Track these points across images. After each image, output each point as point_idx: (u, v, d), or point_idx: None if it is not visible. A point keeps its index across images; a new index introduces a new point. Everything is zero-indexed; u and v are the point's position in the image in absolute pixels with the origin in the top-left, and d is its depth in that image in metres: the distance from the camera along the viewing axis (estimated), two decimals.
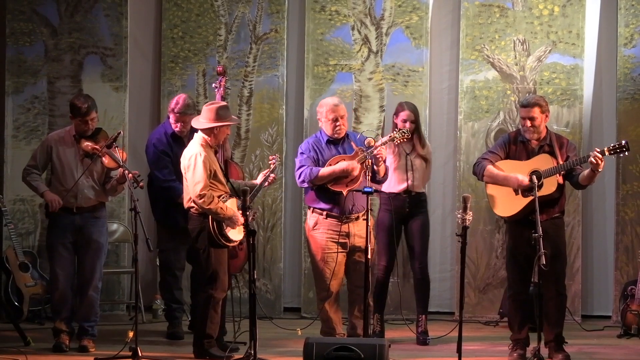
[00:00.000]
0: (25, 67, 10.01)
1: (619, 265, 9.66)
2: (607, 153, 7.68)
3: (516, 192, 7.87)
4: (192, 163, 7.76)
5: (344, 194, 8.06)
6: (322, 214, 8.14)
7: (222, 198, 7.81)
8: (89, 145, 8.17)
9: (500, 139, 8.19)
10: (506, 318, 8.47)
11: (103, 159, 8.14)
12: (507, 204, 7.91)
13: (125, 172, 7.99)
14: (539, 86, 9.82)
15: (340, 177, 8.07)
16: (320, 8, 9.99)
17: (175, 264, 8.94)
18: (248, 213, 7.47)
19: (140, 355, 7.65)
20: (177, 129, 8.65)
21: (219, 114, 7.85)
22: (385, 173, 8.26)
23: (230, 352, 7.96)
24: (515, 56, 9.85)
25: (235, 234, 7.86)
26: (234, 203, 7.82)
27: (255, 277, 7.42)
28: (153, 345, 8.41)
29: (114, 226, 9.82)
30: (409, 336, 8.77)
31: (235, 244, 7.98)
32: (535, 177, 7.73)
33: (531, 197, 7.67)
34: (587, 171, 7.74)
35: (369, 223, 7.83)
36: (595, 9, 9.87)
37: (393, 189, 8.69)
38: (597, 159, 7.60)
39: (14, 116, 10.00)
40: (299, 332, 8.37)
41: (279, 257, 10.00)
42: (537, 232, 7.44)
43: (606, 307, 9.82)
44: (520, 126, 8.01)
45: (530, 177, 7.78)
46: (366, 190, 7.80)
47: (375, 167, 8.09)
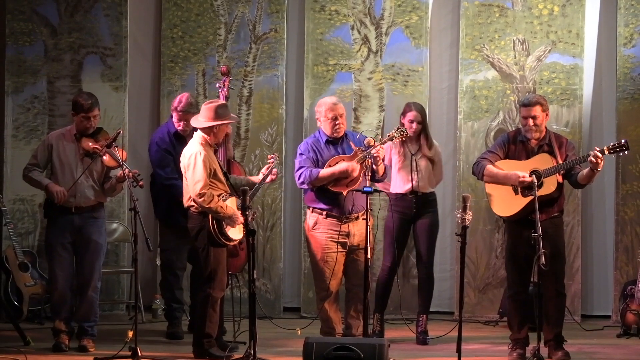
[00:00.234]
0: (25, 67, 10.01)
1: (618, 265, 9.66)
2: (606, 152, 7.67)
3: (515, 192, 7.86)
4: (192, 162, 7.76)
5: (344, 194, 8.06)
6: (321, 214, 8.14)
7: (222, 197, 7.81)
8: (89, 144, 8.16)
9: (499, 139, 8.18)
10: (506, 318, 8.47)
11: (103, 158, 8.14)
12: (507, 204, 7.90)
13: (126, 171, 8.00)
14: (539, 86, 9.81)
15: (340, 178, 8.06)
16: (320, 8, 9.99)
17: (177, 264, 8.93)
18: (248, 213, 7.48)
19: (139, 355, 7.65)
20: (180, 128, 8.65)
21: (218, 112, 7.85)
22: (384, 172, 8.26)
23: (230, 352, 7.96)
24: (515, 56, 9.85)
25: (235, 233, 7.86)
26: (233, 202, 7.82)
27: (255, 276, 7.42)
28: (153, 345, 8.41)
29: (114, 226, 9.82)
30: (409, 336, 8.76)
31: (235, 243, 7.98)
32: (535, 177, 7.73)
33: (531, 197, 7.67)
34: (587, 170, 7.74)
35: (368, 223, 7.83)
36: (595, 8, 9.87)
37: (399, 189, 8.68)
38: (597, 158, 7.59)
39: (14, 116, 10.00)
40: (299, 332, 8.35)
41: (278, 257, 10.00)
42: (537, 231, 7.44)
43: (606, 307, 9.81)
44: (521, 126, 8.00)
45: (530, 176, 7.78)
46: (366, 190, 7.79)
47: (375, 166, 8.08)
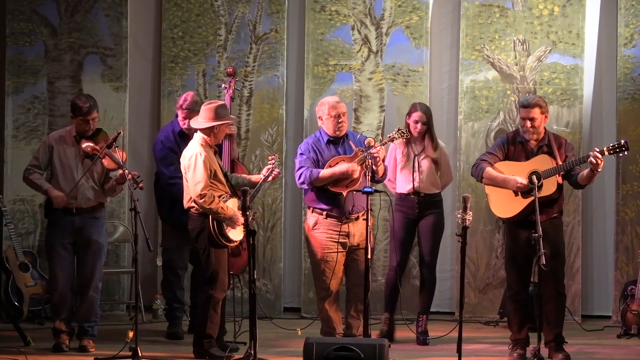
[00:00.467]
0: (25, 67, 10.01)
1: (619, 265, 9.66)
2: (606, 153, 7.67)
3: (515, 193, 7.86)
4: (192, 163, 7.76)
5: (344, 194, 8.06)
6: (322, 214, 8.13)
7: (223, 198, 7.81)
8: (89, 146, 8.16)
9: (498, 140, 8.18)
10: (506, 318, 8.47)
11: (103, 160, 8.14)
12: (507, 205, 7.90)
13: (125, 172, 7.99)
14: (539, 86, 9.81)
15: (340, 179, 8.06)
16: (320, 8, 9.99)
17: (178, 263, 8.93)
18: (248, 213, 7.48)
19: (140, 355, 7.65)
20: (185, 126, 8.63)
21: (218, 112, 7.85)
22: (384, 173, 8.25)
23: (230, 352, 7.95)
24: (515, 56, 9.85)
25: (236, 233, 7.85)
26: (234, 203, 7.82)
27: (256, 277, 7.42)
28: (153, 345, 8.41)
29: (114, 226, 9.82)
30: (409, 336, 8.75)
31: (236, 243, 7.98)
32: (535, 177, 7.73)
33: (531, 199, 7.67)
34: (587, 171, 7.74)
35: (369, 223, 7.83)
36: (595, 8, 9.87)
37: (402, 189, 8.70)
38: (597, 159, 7.59)
39: (14, 116, 10.00)
40: (299, 332, 8.36)
41: (278, 257, 10.00)
42: (537, 232, 7.44)
43: (606, 307, 9.81)
44: (520, 127, 8.00)
45: (529, 178, 7.78)
46: (366, 190, 7.79)
47: (375, 167, 8.08)
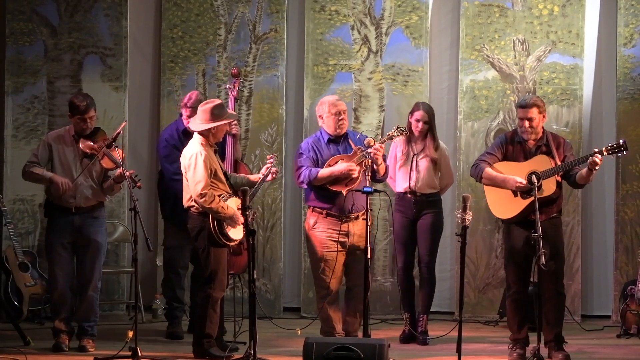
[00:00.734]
0: (25, 67, 10.01)
1: (618, 265, 9.66)
2: (605, 153, 7.67)
3: (515, 194, 7.86)
4: (192, 162, 7.76)
5: (343, 193, 8.06)
6: (321, 213, 8.14)
7: (223, 197, 7.81)
8: (87, 145, 8.16)
9: (497, 140, 8.17)
10: (506, 318, 8.46)
11: (101, 160, 8.13)
12: (506, 206, 7.89)
13: (124, 171, 7.99)
14: (539, 86, 9.81)
15: (339, 178, 8.06)
16: (320, 8, 9.99)
17: (180, 262, 8.93)
18: (248, 213, 7.48)
19: (139, 355, 7.65)
20: (189, 125, 8.63)
21: (214, 113, 7.85)
22: (386, 172, 8.25)
23: (230, 352, 7.96)
24: (515, 56, 9.85)
25: (236, 232, 7.85)
26: (234, 202, 7.82)
27: (255, 277, 7.42)
28: (153, 345, 8.41)
29: (114, 226, 9.82)
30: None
31: (236, 243, 7.98)
32: (534, 178, 7.73)
33: (530, 199, 7.67)
34: (585, 170, 7.74)
35: (368, 223, 7.83)
36: (595, 8, 9.87)
37: (400, 188, 8.72)
38: (598, 159, 7.60)
39: (14, 116, 10.00)
40: (299, 332, 8.35)
41: (278, 257, 9.99)
42: (537, 232, 7.44)
43: (606, 307, 9.81)
44: (518, 127, 8.00)
45: (529, 178, 7.78)
46: (366, 190, 7.80)
47: (375, 166, 8.08)
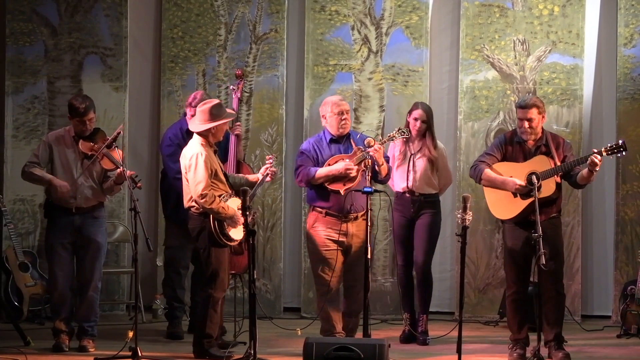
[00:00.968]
0: (25, 67, 10.01)
1: (618, 265, 9.66)
2: (604, 153, 7.67)
3: (514, 194, 7.86)
4: (193, 163, 7.76)
5: (342, 193, 8.06)
6: (321, 212, 8.14)
7: (223, 197, 7.82)
8: (87, 146, 8.16)
9: (496, 140, 8.17)
10: (506, 318, 8.46)
11: (100, 161, 8.13)
12: (506, 207, 7.90)
13: (124, 171, 7.99)
14: (539, 86, 9.81)
15: (338, 177, 8.07)
16: (320, 8, 9.99)
17: (180, 262, 8.93)
18: (248, 213, 7.48)
19: (140, 355, 7.65)
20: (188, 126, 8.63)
21: (212, 113, 7.85)
22: (388, 173, 8.25)
23: (230, 352, 7.94)
24: (515, 56, 9.85)
25: (237, 232, 7.86)
26: (235, 202, 7.82)
27: (255, 277, 7.42)
28: (153, 345, 8.41)
29: (114, 226, 9.82)
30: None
31: (236, 243, 7.98)
32: (534, 178, 7.73)
33: (530, 200, 7.67)
34: (585, 171, 7.74)
35: (368, 223, 7.83)
36: (595, 8, 9.87)
37: (397, 187, 8.73)
38: (597, 160, 7.60)
39: (14, 116, 10.00)
40: (299, 332, 8.35)
41: (278, 257, 10.00)
42: (537, 232, 7.44)
43: (606, 307, 9.81)
44: (517, 127, 8.00)
45: (528, 179, 7.78)
46: (366, 190, 7.80)
47: (376, 167, 8.08)
